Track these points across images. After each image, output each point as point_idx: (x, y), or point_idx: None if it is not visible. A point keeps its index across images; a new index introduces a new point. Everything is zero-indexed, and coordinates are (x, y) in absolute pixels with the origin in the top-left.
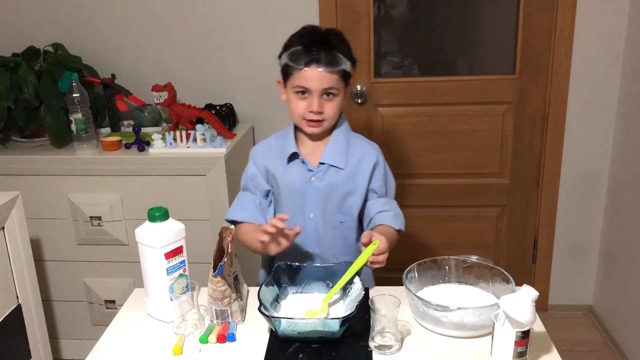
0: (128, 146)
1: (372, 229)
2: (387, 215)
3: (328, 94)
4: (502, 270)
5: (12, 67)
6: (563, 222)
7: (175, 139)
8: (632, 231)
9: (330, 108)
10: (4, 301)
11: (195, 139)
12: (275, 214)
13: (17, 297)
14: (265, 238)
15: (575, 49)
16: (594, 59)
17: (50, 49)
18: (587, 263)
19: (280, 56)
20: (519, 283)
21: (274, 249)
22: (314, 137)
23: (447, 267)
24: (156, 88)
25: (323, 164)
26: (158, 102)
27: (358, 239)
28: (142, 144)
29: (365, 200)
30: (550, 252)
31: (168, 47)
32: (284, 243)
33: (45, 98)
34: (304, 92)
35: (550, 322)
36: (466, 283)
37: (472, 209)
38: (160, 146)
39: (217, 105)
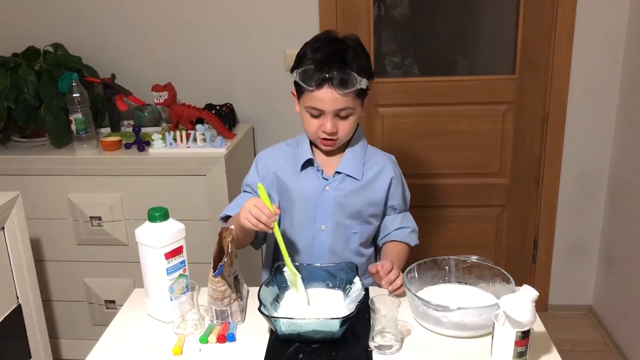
0: (128, 146)
1: (384, 244)
2: (405, 232)
3: (343, 113)
4: (502, 270)
5: (12, 67)
6: (563, 222)
7: (175, 139)
8: (632, 231)
9: (345, 127)
10: (4, 301)
11: (195, 139)
12: (280, 223)
13: (17, 297)
14: (250, 225)
15: (575, 49)
16: (594, 59)
17: (50, 49)
18: (587, 263)
19: (292, 70)
20: (519, 283)
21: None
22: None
23: (447, 267)
24: (156, 88)
25: (339, 173)
26: (158, 102)
27: (370, 258)
28: (142, 144)
29: (383, 215)
30: (550, 252)
31: (168, 47)
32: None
33: (45, 98)
34: (316, 112)
35: (550, 322)
36: (466, 283)
37: (472, 209)
38: (160, 146)
39: (217, 105)
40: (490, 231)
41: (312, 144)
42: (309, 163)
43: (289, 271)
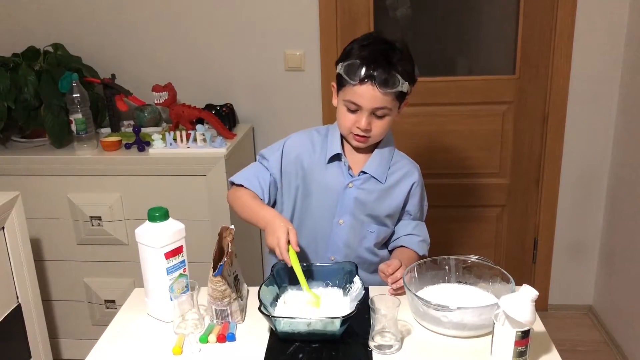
0: (128, 146)
1: (393, 249)
2: (414, 239)
3: (379, 112)
4: (502, 270)
5: (12, 67)
6: (563, 222)
7: (175, 139)
8: (632, 231)
9: (379, 127)
10: (4, 301)
11: (195, 139)
12: (294, 210)
13: (17, 297)
14: (286, 258)
15: (575, 49)
16: (594, 59)
17: (50, 49)
18: (587, 263)
19: (337, 63)
20: (519, 283)
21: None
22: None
23: (447, 267)
24: (156, 88)
25: (365, 173)
26: (158, 102)
27: (384, 260)
28: (142, 144)
29: (398, 218)
30: (550, 252)
31: (168, 47)
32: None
33: (45, 98)
34: (354, 107)
35: (550, 322)
36: (466, 283)
37: (472, 209)
38: (160, 146)
39: (217, 105)
40: (490, 231)
41: (342, 138)
42: (336, 157)
43: (310, 295)
